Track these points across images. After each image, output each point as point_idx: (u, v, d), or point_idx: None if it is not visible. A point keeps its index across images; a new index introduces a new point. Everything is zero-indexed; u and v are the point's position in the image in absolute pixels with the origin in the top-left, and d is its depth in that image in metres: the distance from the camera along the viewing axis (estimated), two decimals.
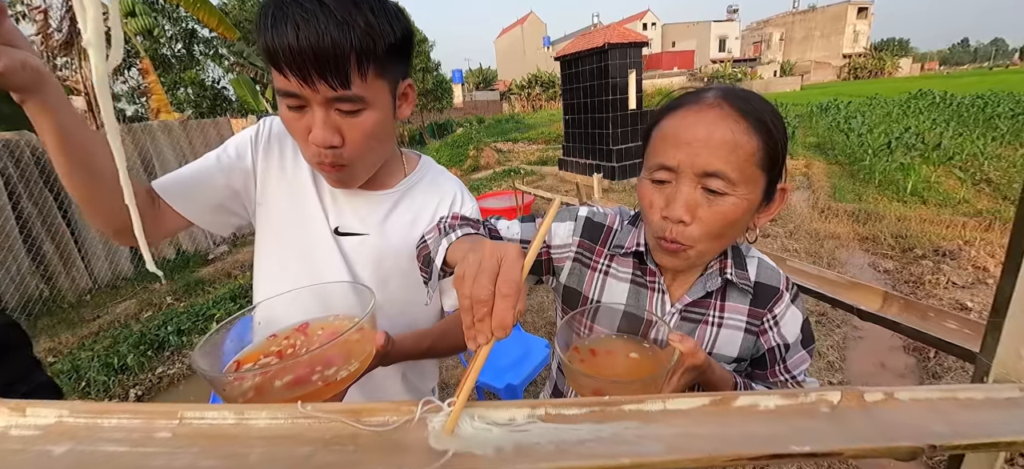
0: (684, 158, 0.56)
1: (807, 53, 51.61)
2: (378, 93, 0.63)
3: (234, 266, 5.06)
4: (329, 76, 0.57)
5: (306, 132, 0.62)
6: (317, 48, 0.55)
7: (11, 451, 0.38)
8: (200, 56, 11.89)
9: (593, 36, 6.92)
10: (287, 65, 0.56)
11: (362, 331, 0.53)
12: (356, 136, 0.64)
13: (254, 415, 0.39)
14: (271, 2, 0.57)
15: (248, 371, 0.51)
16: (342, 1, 0.56)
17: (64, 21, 4.72)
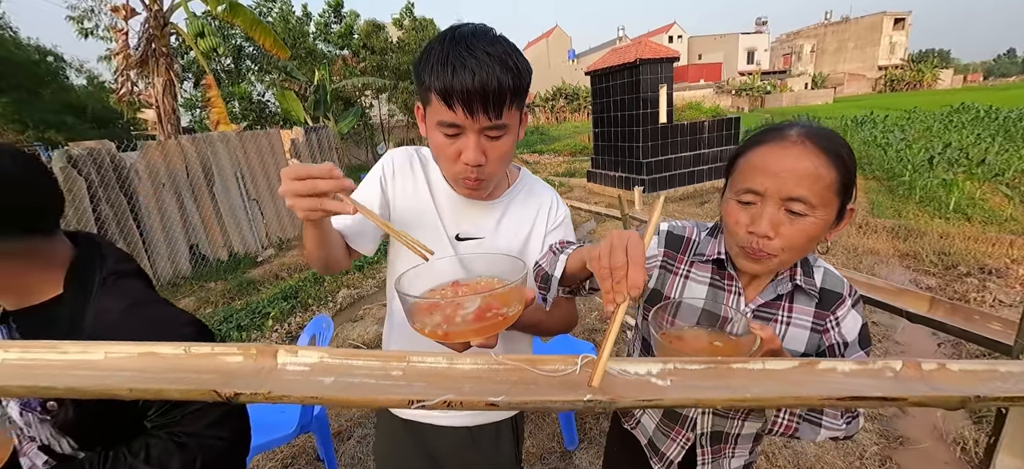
0: (771, 185, 0.69)
1: (840, 65, 50.25)
2: (514, 120, 0.78)
3: (281, 268, 5.37)
4: (490, 110, 0.72)
5: (457, 154, 0.77)
6: (488, 89, 0.70)
7: (292, 379, 0.53)
8: (247, 71, 12.66)
9: (624, 51, 7.05)
10: (459, 102, 0.70)
11: (521, 284, 0.66)
12: (496, 156, 0.79)
13: (460, 361, 0.55)
14: (445, 49, 0.71)
15: (444, 301, 0.64)
16: (502, 49, 0.72)
17: (141, 40, 5.20)
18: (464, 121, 0.73)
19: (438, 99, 0.72)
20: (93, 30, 8.81)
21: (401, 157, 0.95)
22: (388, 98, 16.50)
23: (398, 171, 0.94)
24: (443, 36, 0.75)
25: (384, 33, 15.78)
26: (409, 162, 0.94)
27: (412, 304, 0.65)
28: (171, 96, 5.62)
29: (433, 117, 0.76)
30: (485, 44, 0.71)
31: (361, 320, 3.94)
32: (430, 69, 0.72)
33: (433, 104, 0.74)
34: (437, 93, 0.72)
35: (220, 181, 5.30)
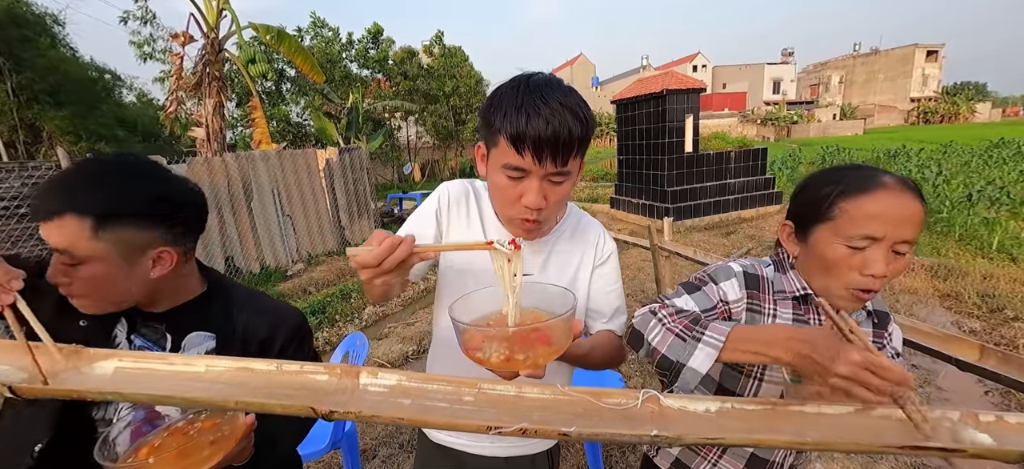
0: (890, 231, 0.73)
1: (869, 96, 49.23)
2: (576, 167, 0.81)
3: (309, 283, 5.51)
4: (557, 157, 0.75)
5: (518, 197, 0.79)
6: (559, 137, 0.73)
7: (375, 399, 0.58)
8: (286, 93, 13.34)
9: (651, 81, 7.13)
10: (530, 148, 0.73)
11: (570, 317, 0.68)
12: (555, 200, 0.81)
13: (528, 389, 0.59)
14: (519, 96, 0.74)
15: (496, 330, 0.68)
16: (574, 101, 0.76)
17: (198, 64, 5.60)
18: (531, 166, 0.76)
19: (507, 142, 0.75)
20: (151, 54, 9.50)
21: (457, 190, 0.98)
22: (416, 120, 17.01)
23: (453, 203, 0.96)
24: (517, 83, 0.78)
25: (417, 58, 16.39)
26: (465, 195, 0.97)
27: (464, 331, 0.68)
28: (219, 116, 5.97)
29: (498, 159, 0.79)
30: (558, 94, 0.75)
31: (386, 338, 4.00)
32: (503, 114, 0.75)
33: (500, 147, 0.77)
34: (508, 137, 0.75)
35: (258, 197, 5.54)
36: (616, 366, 1.00)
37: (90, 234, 0.72)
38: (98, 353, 0.64)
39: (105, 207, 0.73)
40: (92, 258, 0.73)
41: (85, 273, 0.73)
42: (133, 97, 14.13)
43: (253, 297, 0.94)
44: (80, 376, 0.60)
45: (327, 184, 6.46)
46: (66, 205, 0.71)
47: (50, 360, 0.63)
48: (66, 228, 0.71)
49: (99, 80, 12.47)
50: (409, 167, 15.60)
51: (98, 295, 0.77)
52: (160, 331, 0.86)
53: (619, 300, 0.98)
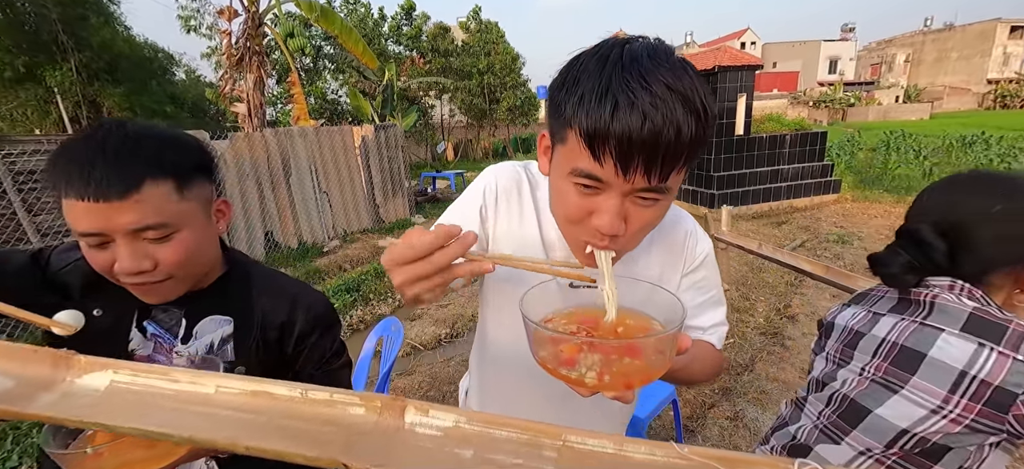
0: None
1: (939, 77, 45.04)
2: (677, 182, 0.57)
3: (344, 260, 5.56)
4: (654, 168, 0.51)
5: (587, 214, 0.59)
6: (660, 140, 0.49)
7: (422, 447, 0.44)
8: (323, 70, 13.51)
9: (702, 58, 6.66)
10: (615, 153, 0.51)
11: (678, 331, 0.53)
12: (639, 225, 0.59)
13: (632, 448, 0.43)
14: (606, 74, 0.51)
15: (601, 342, 0.54)
16: (688, 84, 0.51)
17: (239, 40, 5.67)
18: (611, 178, 0.53)
19: (581, 142, 0.53)
20: (196, 27, 9.81)
21: (507, 177, 0.79)
22: (450, 98, 16.89)
23: (502, 195, 0.77)
24: (604, 53, 0.54)
25: (451, 35, 16.18)
26: (516, 184, 0.78)
27: (537, 333, 0.54)
28: (260, 92, 6.04)
29: (566, 161, 0.57)
30: (665, 73, 0.50)
31: (419, 320, 3.95)
32: (578, 98, 0.53)
33: (570, 144, 0.55)
34: (582, 134, 0.53)
35: (296, 173, 5.59)
36: (711, 382, 0.83)
37: (176, 196, 0.64)
38: (92, 362, 0.53)
39: (174, 161, 0.65)
40: (184, 223, 0.65)
41: (177, 244, 0.65)
42: (182, 74, 14.72)
43: (274, 278, 0.85)
44: (64, 394, 0.49)
45: (363, 161, 6.46)
46: (143, 175, 0.60)
47: (37, 368, 0.52)
48: (149, 199, 0.61)
49: (153, 59, 13.03)
50: (443, 145, 15.56)
51: (187, 270, 0.69)
52: (176, 316, 0.78)
53: (719, 312, 0.79)
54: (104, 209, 0.59)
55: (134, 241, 0.61)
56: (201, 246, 0.70)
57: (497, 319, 0.85)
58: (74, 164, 0.59)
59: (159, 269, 0.64)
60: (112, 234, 0.60)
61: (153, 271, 0.64)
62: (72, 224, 0.60)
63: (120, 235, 0.60)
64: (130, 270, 0.61)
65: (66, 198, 0.59)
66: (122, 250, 0.61)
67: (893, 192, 7.82)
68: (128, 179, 0.59)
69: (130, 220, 0.60)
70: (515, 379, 0.85)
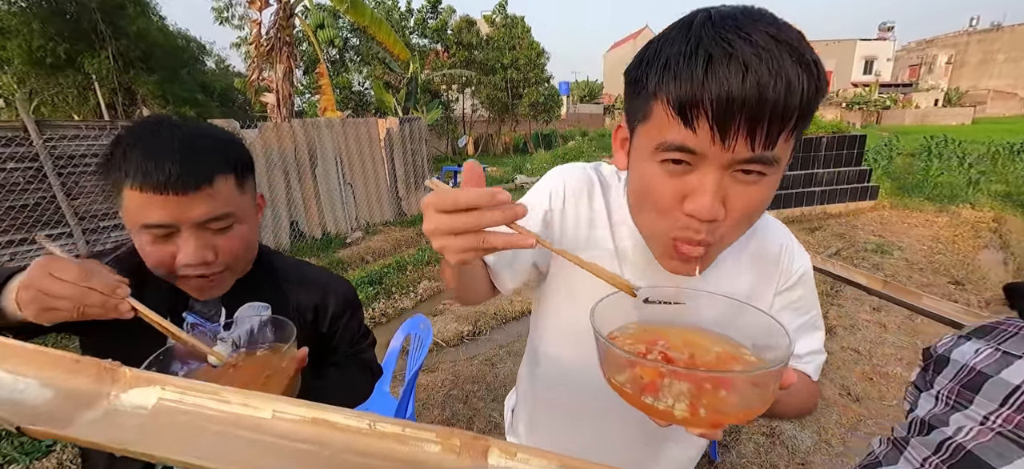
0: None
1: (983, 80, 42.81)
2: (786, 153, 0.49)
3: (367, 252, 5.58)
4: (759, 131, 0.45)
5: (679, 199, 0.51)
6: (766, 95, 0.43)
7: None
8: (349, 62, 13.63)
9: None
10: (711, 112, 0.44)
11: (784, 366, 0.45)
12: (743, 208, 0.50)
13: None
14: (693, 33, 0.46)
15: (691, 372, 0.48)
16: (794, 35, 0.45)
17: (270, 30, 5.73)
18: (707, 148, 0.46)
19: (669, 111, 0.47)
20: (228, 18, 10.00)
21: (576, 178, 0.72)
22: (472, 92, 16.85)
23: (570, 199, 0.70)
24: (687, 19, 0.48)
25: (476, 28, 16.12)
26: (586, 186, 0.71)
27: (612, 354, 0.48)
28: (289, 82, 6.10)
29: (651, 138, 0.51)
30: (766, 26, 0.44)
31: (441, 315, 3.92)
32: (663, 64, 0.47)
33: (655, 118, 0.50)
34: (671, 101, 0.46)
35: (322, 164, 5.63)
36: (801, 418, 0.75)
37: (238, 190, 0.68)
38: (138, 376, 0.48)
39: (236, 157, 0.69)
40: (242, 215, 0.69)
41: (236, 235, 0.68)
42: (211, 63, 15.07)
43: (300, 266, 0.90)
44: (108, 412, 0.44)
45: (387, 154, 6.47)
46: (213, 170, 0.64)
47: (79, 380, 0.48)
48: (218, 192, 0.64)
49: (185, 48, 13.36)
50: (464, 140, 15.55)
51: (242, 261, 0.71)
52: (214, 306, 0.79)
53: (817, 338, 0.70)
54: (179, 202, 0.60)
55: (199, 232, 0.63)
56: (253, 236, 0.73)
57: (556, 330, 0.78)
58: (149, 159, 0.60)
59: (219, 259, 0.66)
60: (180, 225, 0.62)
61: (214, 262, 0.66)
62: (138, 216, 0.61)
63: (187, 227, 0.62)
64: (195, 260, 0.63)
65: (136, 190, 0.60)
66: (188, 241, 0.62)
67: (935, 200, 7.44)
68: (201, 174, 0.62)
69: (201, 212, 0.62)
70: (575, 402, 0.78)
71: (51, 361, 0.50)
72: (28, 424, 0.43)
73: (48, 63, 10.47)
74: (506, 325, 3.68)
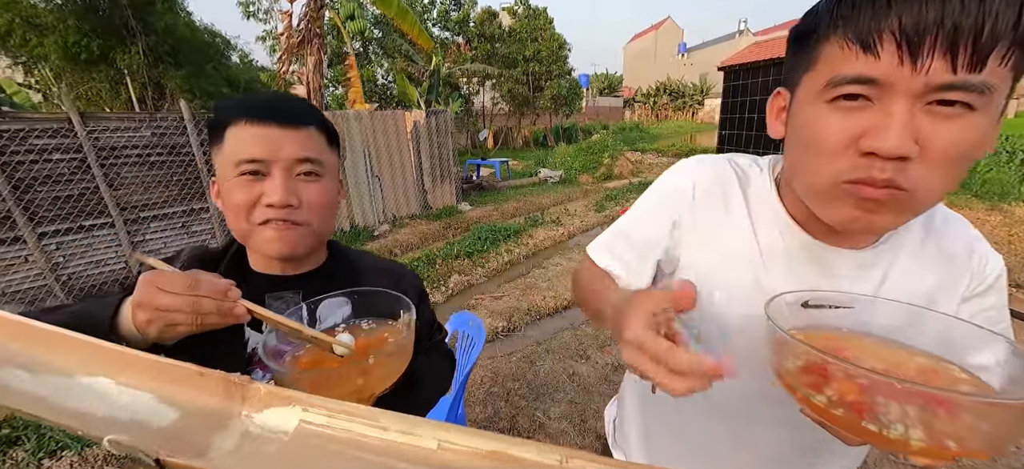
0: None
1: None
2: (1003, 85, 0.40)
3: (394, 245, 5.57)
4: (961, 50, 0.37)
5: (855, 137, 0.43)
6: (969, 5, 0.36)
7: None
8: (372, 54, 13.69)
9: (774, 45, 6.20)
10: (898, 32, 0.39)
11: None
12: (944, 149, 0.41)
13: None
14: None
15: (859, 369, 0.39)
16: None
17: (301, 21, 5.74)
18: (893, 73, 0.40)
19: (843, 42, 0.42)
20: (255, 13, 10.11)
21: (709, 173, 0.65)
22: (493, 85, 16.74)
23: (702, 196, 0.63)
24: None
25: (498, 20, 15.97)
26: (720, 181, 0.64)
27: (812, 358, 0.42)
28: (319, 74, 6.11)
29: (816, 82, 0.46)
30: None
31: (474, 309, 3.87)
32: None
33: (823, 60, 0.45)
34: (847, 30, 0.42)
35: (350, 156, 5.62)
36: None
37: (328, 147, 0.71)
38: (274, 393, 0.41)
39: (326, 121, 0.72)
40: (328, 172, 0.70)
41: (322, 188, 0.69)
42: (236, 58, 15.27)
43: (367, 256, 0.89)
44: (245, 436, 0.38)
45: (413, 146, 6.44)
46: (310, 117, 0.68)
47: (206, 397, 0.41)
48: (313, 136, 0.67)
49: (211, 44, 13.58)
50: (484, 133, 15.48)
51: (321, 221, 0.70)
52: (293, 302, 0.75)
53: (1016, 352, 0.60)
54: (275, 135, 0.63)
55: (289, 176, 0.64)
56: (334, 202, 0.73)
57: None
58: (252, 98, 0.66)
59: (302, 208, 0.66)
60: (273, 162, 0.63)
61: (297, 208, 0.65)
62: (236, 152, 0.63)
63: (279, 166, 0.63)
64: (281, 200, 0.63)
65: (239, 124, 0.63)
66: (276, 180, 0.63)
67: (984, 198, 7.07)
68: (298, 115, 0.66)
69: (294, 149, 0.64)
70: (719, 423, 0.69)
71: (171, 374, 0.43)
72: (166, 454, 0.37)
73: (82, 58, 10.77)
74: (541, 321, 3.61)
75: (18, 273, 3.50)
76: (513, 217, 6.81)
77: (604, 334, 3.24)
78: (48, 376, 0.44)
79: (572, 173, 10.06)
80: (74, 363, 0.45)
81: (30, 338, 0.48)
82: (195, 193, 4.33)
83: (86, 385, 0.42)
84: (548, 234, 5.94)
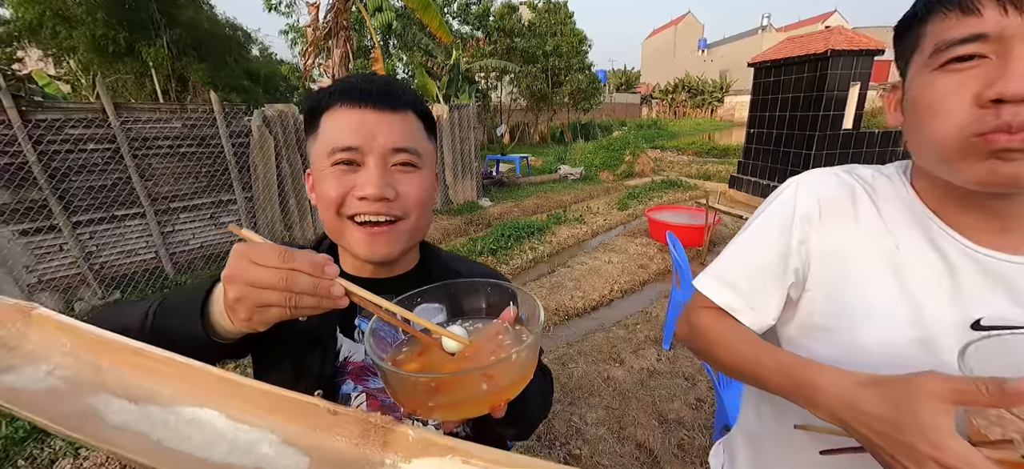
0: None
1: None
2: None
3: None
4: None
5: (973, 93, 0.43)
6: None
7: None
8: (392, 49, 13.68)
9: (809, 40, 5.97)
10: None
11: None
12: None
13: None
14: None
15: None
16: None
17: (329, 14, 5.71)
18: (1000, 22, 0.42)
19: (944, 13, 0.45)
20: (276, 6, 10.15)
21: (830, 185, 0.60)
22: (511, 81, 16.61)
23: (827, 215, 0.58)
24: None
25: (518, 14, 15.82)
26: (849, 193, 0.59)
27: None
28: (345, 67, 6.08)
29: (924, 55, 0.48)
30: None
31: None
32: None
33: (927, 35, 0.48)
34: None
35: None
36: None
37: (425, 136, 0.66)
38: (426, 440, 0.35)
39: (427, 110, 0.67)
40: (425, 164, 0.65)
41: (418, 181, 0.63)
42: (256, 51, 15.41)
43: (460, 260, 0.83)
44: None
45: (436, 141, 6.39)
46: (408, 101, 0.63)
47: (338, 439, 0.34)
48: (411, 124, 0.63)
49: (232, 36, 13.71)
50: (502, 128, 15.37)
51: (417, 216, 0.64)
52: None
53: None
54: (373, 119, 0.59)
55: (384, 166, 0.60)
56: (430, 198, 0.67)
57: None
58: (347, 80, 0.62)
59: (398, 202, 0.61)
60: (367, 151, 0.59)
61: (393, 202, 0.60)
62: (331, 139, 0.59)
63: (374, 155, 0.59)
64: (375, 193, 0.58)
65: (333, 110, 0.60)
66: (371, 171, 0.58)
67: None
68: (398, 99, 0.61)
69: (392, 137, 0.60)
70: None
71: (291, 409, 0.37)
72: None
73: (110, 51, 10.94)
74: (570, 322, 3.53)
75: (54, 261, 3.54)
76: (535, 214, 6.72)
77: (637, 338, 3.15)
78: (148, 406, 0.38)
79: (592, 170, 9.92)
80: (173, 390, 0.39)
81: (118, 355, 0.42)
82: (223, 185, 4.35)
83: (192, 418, 0.36)
84: (571, 232, 5.84)
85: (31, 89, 6.49)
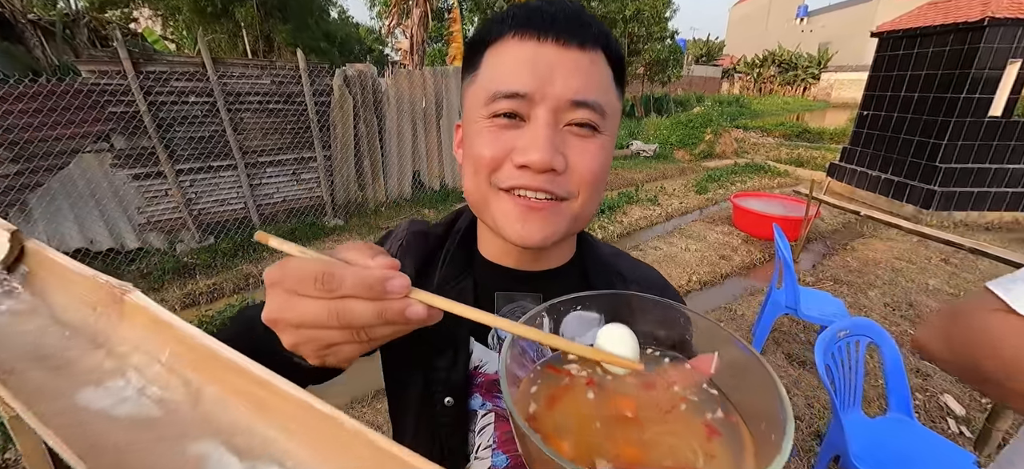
0: None
1: None
2: None
3: None
4: None
5: None
6: None
7: None
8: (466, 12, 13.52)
9: (958, 7, 4.98)
10: None
11: None
12: None
13: None
14: None
15: None
16: None
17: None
18: None
19: None
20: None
21: None
22: None
23: None
24: None
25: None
26: None
27: None
28: (423, 27, 6.03)
29: None
30: None
31: None
32: None
33: None
34: None
35: (447, 115, 5.54)
36: None
37: (614, 89, 0.48)
38: None
39: (620, 57, 0.49)
40: (608, 129, 0.48)
41: (595, 150, 0.46)
42: (335, 14, 15.92)
43: (621, 257, 0.65)
44: None
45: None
46: (603, 38, 0.46)
47: None
48: (599, 69, 0.46)
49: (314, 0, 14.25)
50: None
51: (588, 197, 0.48)
52: (524, 307, 0.56)
53: None
54: (553, 56, 0.44)
55: (556, 124, 0.45)
56: (605, 176, 0.50)
57: None
58: (533, 5, 0.46)
59: (566, 176, 0.46)
60: (537, 100, 0.44)
61: (560, 175, 0.45)
62: (490, 82, 0.45)
63: (545, 107, 0.44)
64: (542, 160, 0.43)
65: (502, 41, 0.46)
66: (539, 129, 0.43)
67: None
68: (588, 33, 0.45)
69: (573, 82, 0.44)
70: None
71: (374, 457, 0.22)
72: None
73: (208, 11, 11.80)
74: None
75: (161, 204, 3.86)
76: (606, 191, 6.42)
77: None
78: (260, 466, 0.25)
79: (667, 148, 9.27)
80: (296, 445, 0.25)
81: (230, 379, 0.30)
82: (305, 142, 4.49)
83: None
84: (644, 213, 5.49)
85: (144, 46, 7.12)
